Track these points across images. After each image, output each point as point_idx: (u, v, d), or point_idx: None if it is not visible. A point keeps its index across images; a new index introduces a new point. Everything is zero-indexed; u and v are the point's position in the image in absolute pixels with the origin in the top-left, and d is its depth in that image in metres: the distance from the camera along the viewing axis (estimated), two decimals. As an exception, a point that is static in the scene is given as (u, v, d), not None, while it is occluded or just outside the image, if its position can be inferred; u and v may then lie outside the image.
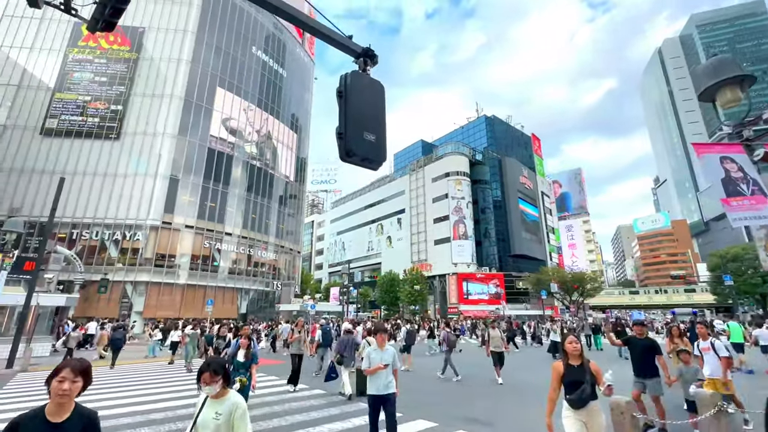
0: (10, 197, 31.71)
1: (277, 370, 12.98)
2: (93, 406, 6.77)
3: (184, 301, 33.27)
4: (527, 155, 77.20)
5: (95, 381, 8.17)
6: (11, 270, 17.77)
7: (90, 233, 31.88)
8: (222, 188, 37.84)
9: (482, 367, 13.13)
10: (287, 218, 46.77)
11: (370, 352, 4.85)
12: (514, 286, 56.52)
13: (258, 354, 7.26)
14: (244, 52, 42.78)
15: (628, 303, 68.14)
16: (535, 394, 9.17)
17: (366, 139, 2.44)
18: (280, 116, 46.68)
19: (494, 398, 8.78)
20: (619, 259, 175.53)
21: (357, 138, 2.40)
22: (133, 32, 37.07)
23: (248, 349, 6.24)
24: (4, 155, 32.55)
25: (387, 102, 2.69)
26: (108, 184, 33.01)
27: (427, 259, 58.53)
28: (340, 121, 2.44)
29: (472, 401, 8.42)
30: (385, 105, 2.65)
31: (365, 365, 4.80)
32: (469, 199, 59.18)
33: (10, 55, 35.42)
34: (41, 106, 34.24)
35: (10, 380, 11.23)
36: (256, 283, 40.33)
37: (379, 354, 4.77)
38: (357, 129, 2.42)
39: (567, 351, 3.71)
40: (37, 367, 13.94)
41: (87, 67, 35.82)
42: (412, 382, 10.61)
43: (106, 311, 29.47)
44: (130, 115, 34.99)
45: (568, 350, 3.70)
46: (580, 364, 3.63)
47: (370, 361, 4.76)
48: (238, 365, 6.06)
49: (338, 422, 6.55)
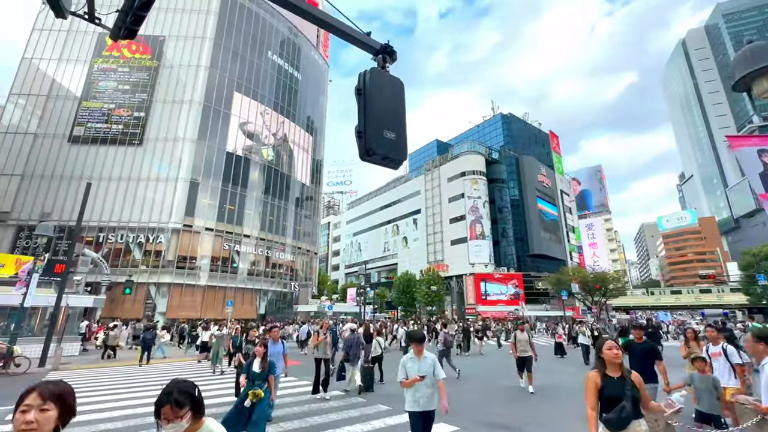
0: (41, 202, 33.12)
1: (294, 371, 13.06)
2: (120, 405, 6.90)
3: (204, 302, 34.01)
4: (545, 153, 75.73)
5: (124, 379, 8.41)
6: (42, 272, 18.51)
7: (115, 236, 32.97)
8: (240, 191, 38.53)
9: (504, 368, 12.88)
10: (304, 220, 47.24)
11: (406, 362, 4.38)
12: (534, 286, 55.46)
13: (280, 364, 6.85)
14: (260, 56, 43.48)
15: (654, 304, 65.86)
16: (563, 397, 8.92)
17: (386, 137, 2.37)
18: (295, 119, 47.22)
19: (518, 402, 8.57)
20: (642, 258, 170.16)
21: (377, 136, 2.34)
22: (153, 41, 38.19)
23: (265, 358, 5.56)
24: (35, 162, 34.04)
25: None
26: (132, 189, 34.07)
27: (443, 260, 58.07)
28: (359, 119, 2.38)
29: (495, 405, 8.24)
30: (405, 102, 2.58)
31: (401, 376, 4.33)
32: (486, 199, 58.43)
33: (40, 67, 37.02)
34: (69, 115, 35.63)
35: (43, 377, 11.66)
36: (274, 284, 40.87)
37: (416, 363, 4.31)
38: (377, 127, 2.35)
39: (605, 359, 3.09)
40: (67, 366, 14.47)
41: (111, 75, 37.08)
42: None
43: (131, 312, 30.41)
44: (152, 121, 36.04)
45: (607, 358, 3.08)
46: (620, 376, 3.03)
47: (406, 372, 4.31)
48: (254, 376, 5.38)
49: (358, 425, 6.51)
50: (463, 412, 7.48)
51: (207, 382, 11.03)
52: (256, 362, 5.49)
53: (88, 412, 7.25)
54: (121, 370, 13.83)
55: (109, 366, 14.81)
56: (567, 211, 74.22)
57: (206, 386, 10.29)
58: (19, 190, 33.21)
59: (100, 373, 12.86)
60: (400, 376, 4.36)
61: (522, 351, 9.98)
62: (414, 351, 4.42)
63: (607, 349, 3.10)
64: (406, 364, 4.36)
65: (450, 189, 60.23)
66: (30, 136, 34.85)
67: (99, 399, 8.53)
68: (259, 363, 5.47)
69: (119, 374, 12.59)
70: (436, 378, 4.27)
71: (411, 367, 4.29)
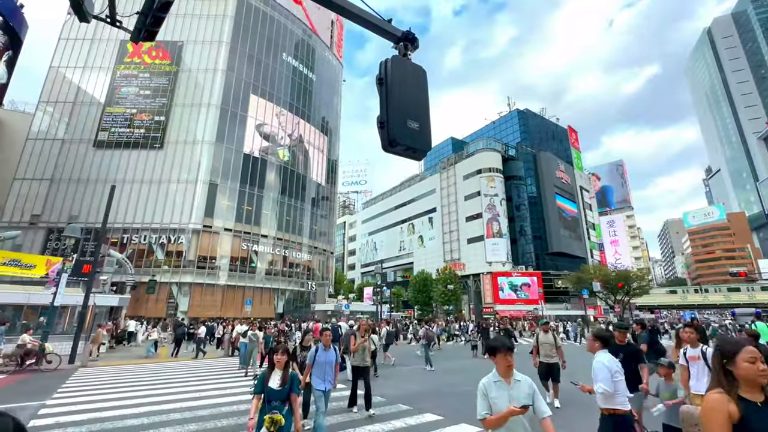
0: (69, 205, 34.40)
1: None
2: (145, 401, 7.00)
3: (224, 301, 34.67)
4: (563, 149, 74.06)
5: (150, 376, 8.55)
6: (71, 273, 19.19)
7: (139, 237, 33.95)
8: (257, 192, 39.11)
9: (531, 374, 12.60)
10: (320, 219, 47.58)
11: (488, 388, 2.79)
12: (553, 285, 54.32)
13: (328, 378, 5.60)
14: (275, 58, 44.00)
15: (680, 302, 63.65)
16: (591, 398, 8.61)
17: (410, 127, 2.29)
18: (310, 119, 47.59)
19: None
20: (667, 256, 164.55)
21: (400, 126, 2.26)
22: (172, 46, 39.14)
23: (286, 370, 3.96)
24: (63, 167, 35.38)
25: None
26: (154, 191, 35.02)
27: (460, 258, 57.51)
28: (381, 109, 2.31)
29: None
30: (428, 91, 2.50)
31: (482, 410, 2.73)
32: (503, 196, 57.51)
33: (66, 75, 38.43)
34: (94, 121, 36.90)
35: (72, 375, 12.07)
36: (291, 284, 41.32)
37: (505, 390, 2.74)
38: (400, 117, 2.27)
39: (743, 375, 1.79)
40: (95, 362, 14.93)
41: (132, 81, 38.19)
42: (454, 384, 10.33)
43: (154, 311, 31.28)
44: (172, 124, 36.95)
45: (746, 374, 1.78)
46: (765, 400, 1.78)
47: (490, 403, 2.72)
48: (270, 395, 3.81)
49: (378, 424, 6.44)
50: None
51: (236, 385, 11.17)
52: (274, 375, 3.93)
53: (112, 408, 7.43)
54: (148, 366, 14.18)
55: (135, 363, 15.21)
56: (587, 207, 72.39)
57: (236, 389, 10.43)
58: (49, 193, 34.60)
59: (127, 370, 13.22)
60: (480, 409, 2.74)
61: (546, 356, 8.23)
62: (498, 369, 2.86)
63: (746, 361, 1.81)
64: (488, 391, 2.78)
65: (466, 187, 59.58)
66: (58, 141, 36.25)
67: (124, 395, 8.73)
68: (278, 377, 3.92)
69: (146, 371, 12.91)
70: (539, 415, 2.72)
71: (498, 397, 2.73)
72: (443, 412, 7.08)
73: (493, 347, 2.94)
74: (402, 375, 11.89)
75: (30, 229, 33.36)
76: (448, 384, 10.35)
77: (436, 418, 6.68)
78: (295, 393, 3.90)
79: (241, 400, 8.14)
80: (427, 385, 10.30)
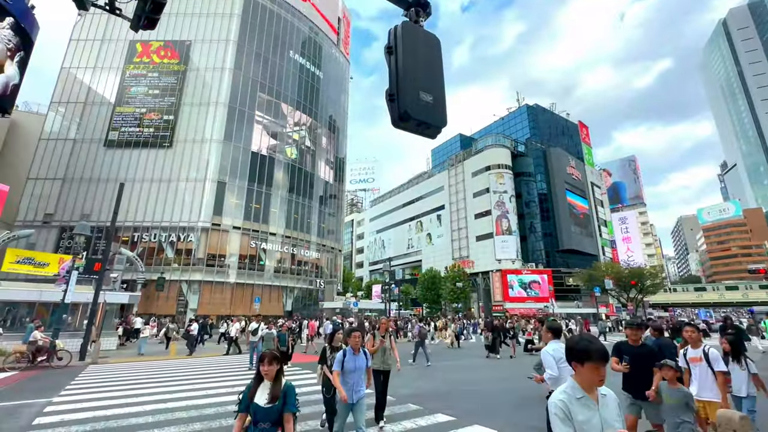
0: (81, 204, 34.82)
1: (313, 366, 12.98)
2: (152, 399, 6.86)
3: (233, 299, 34.81)
4: (574, 144, 72.88)
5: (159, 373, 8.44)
6: (83, 271, 19.34)
7: (149, 236, 34.24)
8: (265, 190, 39.16)
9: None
10: (328, 217, 47.51)
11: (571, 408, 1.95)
12: (564, 282, 53.57)
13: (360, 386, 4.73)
14: (282, 56, 43.93)
15: (695, 300, 62.24)
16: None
17: (423, 99, 2.04)
18: (318, 117, 47.48)
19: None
20: (680, 253, 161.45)
21: (412, 99, 2.01)
22: (180, 45, 39.32)
23: (277, 382, 2.96)
24: (75, 166, 35.82)
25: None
26: (163, 190, 35.26)
27: (468, 256, 57.02)
28: (390, 81, 2.07)
29: (536, 407, 7.75)
30: (442, 61, 2.24)
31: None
32: (512, 193, 56.83)
33: (77, 76, 38.87)
34: (104, 120, 37.25)
35: (82, 372, 12.10)
36: (300, 282, 41.35)
37: (594, 410, 1.96)
38: (411, 89, 2.03)
39: None
40: (106, 359, 15.01)
41: (142, 81, 38.46)
42: (465, 383, 10.07)
43: (165, 309, 31.53)
44: (181, 123, 37.12)
45: None
46: None
47: (576, 430, 1.90)
48: (258, 414, 2.88)
49: (388, 425, 6.22)
50: (501, 412, 7.05)
51: (244, 383, 11.08)
52: (262, 389, 2.96)
53: (118, 406, 7.34)
54: (158, 364, 14.19)
55: (145, 360, 15.24)
56: (598, 204, 71.20)
57: (244, 387, 10.32)
58: (61, 193, 35.07)
59: (136, 367, 13.23)
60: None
61: None
62: (581, 381, 2.02)
63: None
64: (572, 412, 1.94)
65: (474, 184, 59.00)
66: (70, 141, 36.70)
67: (131, 393, 8.66)
68: (267, 390, 2.93)
69: (155, 368, 12.89)
70: None
71: (587, 421, 1.92)
72: (455, 412, 6.84)
73: (585, 351, 1.98)
74: (411, 373, 11.65)
75: (43, 228, 33.86)
76: (458, 382, 10.10)
77: (447, 419, 6.44)
78: (290, 412, 2.90)
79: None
80: (438, 383, 10.06)
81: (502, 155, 58.81)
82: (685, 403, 3.86)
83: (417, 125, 2.04)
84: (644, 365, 4.41)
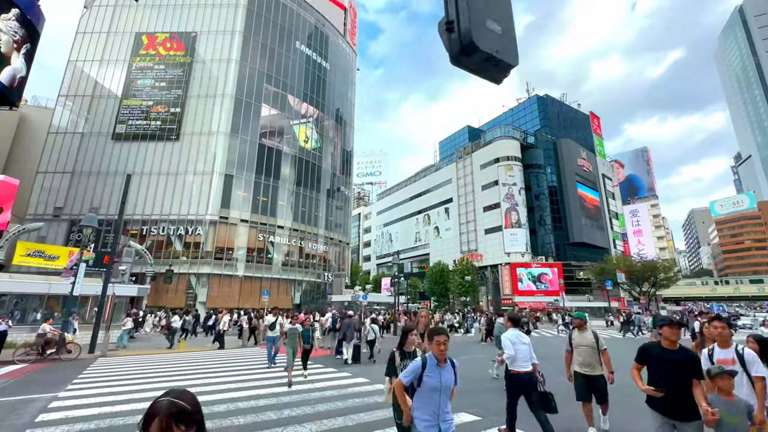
0: (90, 198, 34.86)
1: (323, 360, 12.73)
2: (158, 395, 6.45)
3: (242, 292, 34.74)
4: (585, 136, 71.42)
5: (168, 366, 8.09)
6: (93, 264, 19.23)
7: (158, 229, 34.20)
8: (273, 183, 38.86)
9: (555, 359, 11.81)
10: (335, 211, 47.17)
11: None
12: (574, 276, 52.77)
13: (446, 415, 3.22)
14: (289, 48, 43.33)
15: (709, 294, 61.14)
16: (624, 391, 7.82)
17: (491, 29, 1.58)
18: (324, 109, 46.92)
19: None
20: (692, 246, 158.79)
21: (478, 27, 1.55)
22: (186, 37, 38.92)
23: None
24: (83, 160, 35.81)
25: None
26: (171, 183, 35.13)
27: (477, 249, 56.42)
28: (449, 5, 1.60)
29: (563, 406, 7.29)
30: (509, -13, 1.77)
31: None
32: (522, 185, 55.89)
33: (84, 69, 38.72)
34: (111, 114, 37.12)
35: (91, 364, 11.93)
36: (308, 275, 41.19)
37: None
38: (478, 14, 1.57)
39: None
40: (115, 352, 14.88)
41: (148, 74, 38.18)
42: (484, 380, 9.66)
43: (174, 301, 31.54)
44: (188, 116, 36.86)
45: None
46: None
47: None
48: None
49: (409, 423, 5.84)
50: (527, 410, 6.61)
51: (256, 377, 10.79)
52: None
53: (124, 402, 7.07)
54: (169, 356, 14.00)
55: (155, 353, 15.08)
56: (610, 196, 69.91)
57: (255, 383, 10.03)
58: (70, 186, 35.13)
59: (146, 360, 13.04)
60: None
61: (585, 365, 5.44)
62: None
63: None
64: None
65: (483, 176, 58.14)
66: (78, 135, 36.67)
67: (138, 387, 8.40)
68: None
69: (165, 361, 12.69)
70: None
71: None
72: (479, 411, 6.43)
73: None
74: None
75: (54, 222, 33.99)
76: (478, 380, 9.67)
77: (473, 419, 6.04)
78: None
79: (260, 395, 7.68)
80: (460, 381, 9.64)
81: (511, 147, 57.79)
82: (746, 414, 3.13)
83: (485, 60, 1.57)
84: (682, 376, 3.38)
